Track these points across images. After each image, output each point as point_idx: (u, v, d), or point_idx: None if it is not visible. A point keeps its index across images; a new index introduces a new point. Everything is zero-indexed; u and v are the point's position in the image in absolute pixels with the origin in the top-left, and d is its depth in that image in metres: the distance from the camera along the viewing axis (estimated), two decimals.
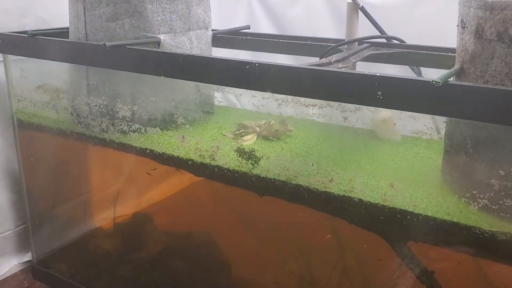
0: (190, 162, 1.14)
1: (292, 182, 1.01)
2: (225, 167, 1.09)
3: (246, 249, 1.40)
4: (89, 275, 1.51)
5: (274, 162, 1.05)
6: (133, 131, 1.20)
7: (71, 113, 1.31)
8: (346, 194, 0.96)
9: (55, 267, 1.56)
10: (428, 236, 0.92)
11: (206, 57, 1.13)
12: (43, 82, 1.35)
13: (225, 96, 1.56)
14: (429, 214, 0.89)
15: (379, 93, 0.84)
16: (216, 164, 1.11)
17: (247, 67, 0.96)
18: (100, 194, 1.62)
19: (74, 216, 1.63)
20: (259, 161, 1.06)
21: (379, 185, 0.99)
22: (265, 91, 0.97)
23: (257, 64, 0.95)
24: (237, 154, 1.08)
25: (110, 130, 1.24)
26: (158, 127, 1.19)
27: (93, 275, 1.51)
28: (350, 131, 1.28)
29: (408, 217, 0.90)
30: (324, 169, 1.02)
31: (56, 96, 1.32)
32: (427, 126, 1.22)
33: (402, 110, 0.85)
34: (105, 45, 1.09)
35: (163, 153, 1.17)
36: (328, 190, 0.98)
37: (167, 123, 1.21)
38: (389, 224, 0.94)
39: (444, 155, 1.00)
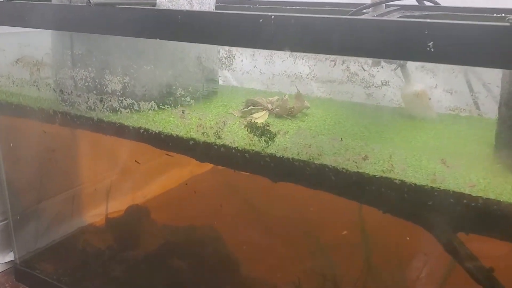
0: (191, 142, 0.96)
1: (316, 162, 0.84)
2: (233, 146, 0.92)
3: (256, 246, 1.22)
4: (78, 276, 1.35)
5: (293, 139, 0.87)
6: (125, 108, 1.02)
7: (53, 89, 1.13)
8: (384, 175, 0.79)
9: (41, 268, 1.39)
10: (487, 225, 0.74)
11: (210, 12, 0.95)
12: (22, 55, 1.17)
13: (228, 76, 1.39)
14: (491, 197, 0.71)
15: (430, 44, 0.67)
16: (222, 143, 0.93)
17: (261, 21, 0.78)
18: (91, 185, 1.45)
19: (62, 210, 1.47)
20: (274, 137, 0.88)
21: (422, 165, 0.82)
22: (282, 50, 0.79)
23: (272, 17, 0.77)
24: (248, 130, 0.90)
25: (98, 107, 1.06)
26: (153, 101, 1.01)
27: (83, 277, 1.35)
28: (376, 109, 1.11)
29: (465, 201, 0.73)
30: (354, 147, 0.84)
31: (37, 70, 1.14)
32: (465, 101, 1.05)
33: (459, 64, 0.67)
34: (90, 3, 0.92)
35: (159, 132, 1.00)
36: (361, 170, 0.80)
37: (164, 96, 1.04)
38: (438, 211, 0.76)
39: (500, 127, 0.82)
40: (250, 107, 1.09)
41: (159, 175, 1.39)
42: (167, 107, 1.00)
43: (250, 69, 1.40)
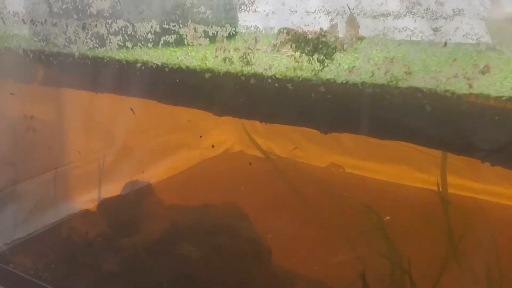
0: (207, 75, 0.68)
1: (401, 87, 0.55)
2: (269, 74, 0.63)
3: (288, 231, 0.95)
4: (62, 272, 1.09)
5: (364, 53, 0.58)
6: (115, 34, 0.75)
7: (23, 20, 0.86)
8: None
9: (16, 262, 1.14)
10: None
11: None
12: None
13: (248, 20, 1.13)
14: None
15: None
16: (252, 71, 0.64)
17: None
18: (79, 159, 1.18)
19: (43, 192, 1.22)
20: (333, 53, 0.59)
21: None
22: None
23: None
24: (292, 47, 0.61)
25: (80, 38, 0.78)
26: (153, 20, 0.73)
27: (67, 272, 1.08)
28: (448, 47, 0.83)
29: None
30: (467, 53, 0.56)
31: None
32: None
33: None
34: None
35: (162, 65, 0.72)
36: (476, 92, 0.52)
37: (168, 12, 0.76)
38: None
39: None
40: (285, 37, 0.81)
41: (166, 135, 1.12)
42: (173, 26, 0.71)
43: (276, 8, 1.14)
